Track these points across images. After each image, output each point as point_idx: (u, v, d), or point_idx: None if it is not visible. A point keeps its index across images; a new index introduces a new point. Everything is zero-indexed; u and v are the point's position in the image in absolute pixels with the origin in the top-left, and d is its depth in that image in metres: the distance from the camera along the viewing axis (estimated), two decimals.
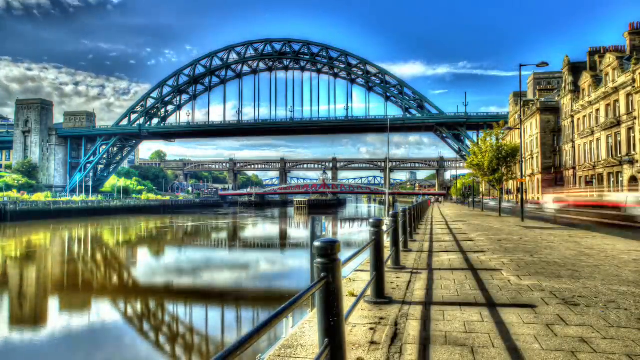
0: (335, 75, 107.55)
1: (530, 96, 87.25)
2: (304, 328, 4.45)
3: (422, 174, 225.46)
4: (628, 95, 39.99)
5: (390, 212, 8.68)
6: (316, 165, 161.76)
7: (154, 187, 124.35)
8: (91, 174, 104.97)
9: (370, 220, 5.52)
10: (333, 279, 2.74)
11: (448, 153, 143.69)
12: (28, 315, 17.36)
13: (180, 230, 54.97)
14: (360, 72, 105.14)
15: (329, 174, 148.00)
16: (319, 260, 2.78)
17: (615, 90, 41.91)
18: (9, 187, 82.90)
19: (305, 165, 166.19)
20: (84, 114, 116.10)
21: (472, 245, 12.79)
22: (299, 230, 56.39)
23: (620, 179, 41.93)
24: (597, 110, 46.22)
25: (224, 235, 51.24)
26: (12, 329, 15.27)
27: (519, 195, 36.57)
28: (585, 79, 49.58)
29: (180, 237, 47.94)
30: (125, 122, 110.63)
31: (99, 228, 56.91)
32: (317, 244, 2.80)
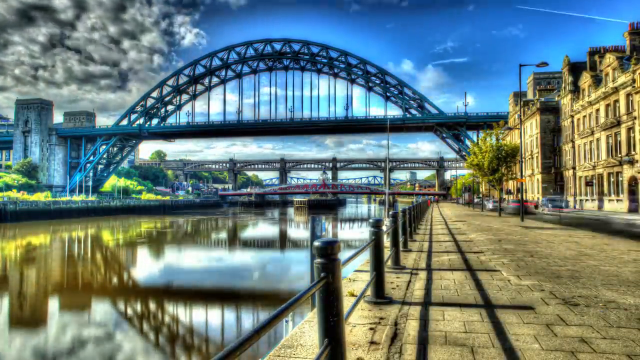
0: (335, 75, 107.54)
1: (530, 96, 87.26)
2: (304, 328, 4.45)
3: (422, 174, 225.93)
4: (628, 95, 39.97)
5: (390, 212, 8.68)
6: (316, 165, 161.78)
7: (154, 187, 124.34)
8: (91, 174, 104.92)
9: (370, 221, 5.52)
10: (333, 279, 2.74)
11: (448, 153, 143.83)
12: (28, 315, 17.36)
13: (180, 231, 54.97)
14: (360, 72, 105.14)
15: (329, 174, 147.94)
16: (318, 260, 2.78)
17: (615, 90, 41.91)
18: (8, 187, 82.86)
19: (305, 165, 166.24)
20: (84, 114, 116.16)
21: (471, 245, 12.79)
22: (298, 231, 56.38)
23: (620, 179, 41.93)
24: (597, 110, 46.21)
25: (223, 235, 51.24)
26: (12, 329, 15.27)
27: (519, 195, 36.61)
28: (585, 79, 49.57)
29: (180, 237, 47.93)
30: (125, 122, 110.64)
31: (99, 228, 56.89)
32: (317, 244, 2.80)
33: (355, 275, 7.54)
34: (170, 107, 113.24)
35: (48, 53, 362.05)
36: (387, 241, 9.22)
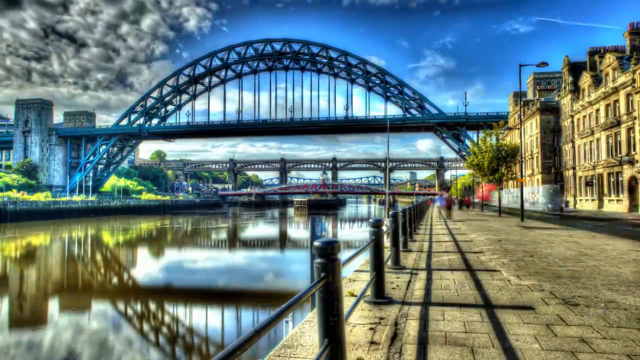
0: (335, 75, 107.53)
1: (530, 96, 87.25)
2: (304, 328, 4.45)
3: (422, 174, 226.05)
4: (628, 95, 39.96)
5: (390, 213, 8.67)
6: (316, 165, 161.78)
7: (154, 187, 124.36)
8: (91, 174, 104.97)
9: (370, 221, 5.52)
10: (333, 279, 2.74)
11: (448, 153, 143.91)
12: (28, 315, 17.36)
13: (180, 231, 54.97)
14: (360, 72, 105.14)
15: (329, 174, 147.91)
16: (318, 260, 2.78)
17: (615, 90, 41.89)
18: (9, 187, 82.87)
19: (305, 165, 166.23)
20: (84, 114, 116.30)
21: (471, 245, 12.78)
22: (298, 231, 56.37)
23: (620, 179, 41.93)
24: (597, 110, 46.20)
25: (223, 235, 51.23)
26: (12, 329, 15.27)
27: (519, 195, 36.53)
28: (585, 79, 49.56)
29: (180, 237, 47.93)
30: (125, 122, 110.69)
31: (99, 228, 56.89)
32: (317, 244, 2.79)
33: (355, 275, 7.53)
34: (170, 107, 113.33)
35: (40, 42, 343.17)
36: (387, 241, 9.22)
